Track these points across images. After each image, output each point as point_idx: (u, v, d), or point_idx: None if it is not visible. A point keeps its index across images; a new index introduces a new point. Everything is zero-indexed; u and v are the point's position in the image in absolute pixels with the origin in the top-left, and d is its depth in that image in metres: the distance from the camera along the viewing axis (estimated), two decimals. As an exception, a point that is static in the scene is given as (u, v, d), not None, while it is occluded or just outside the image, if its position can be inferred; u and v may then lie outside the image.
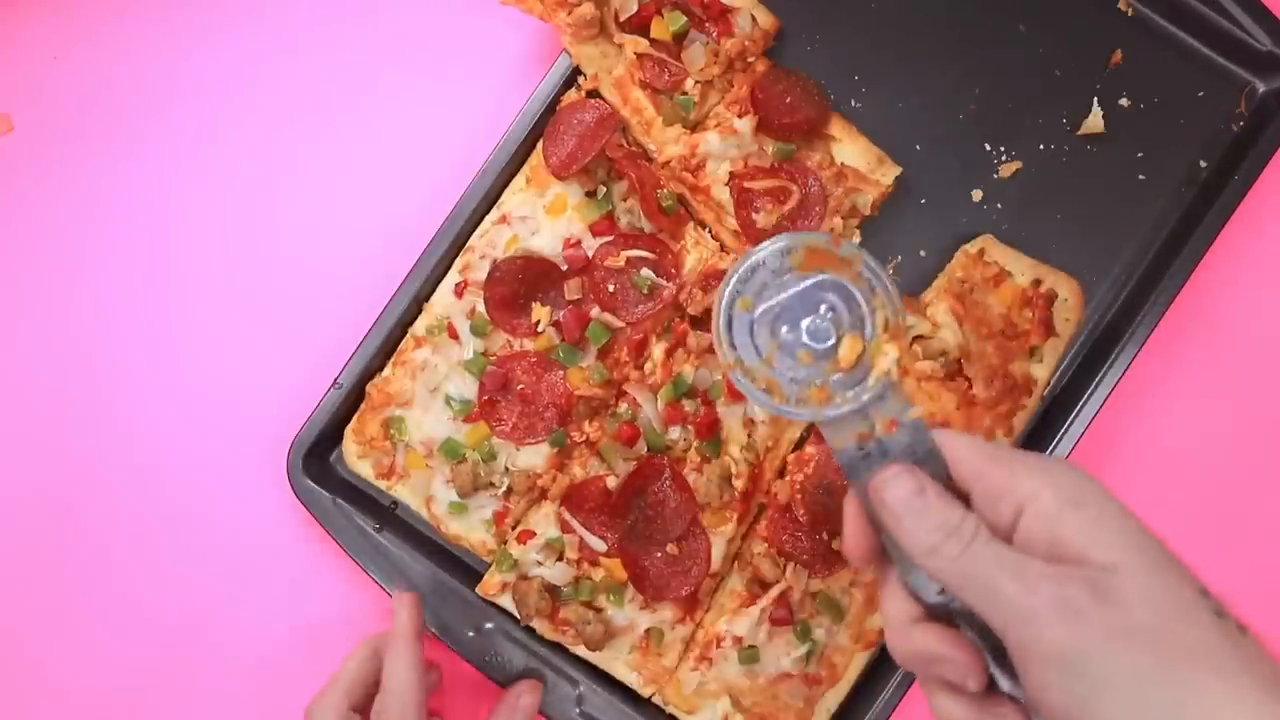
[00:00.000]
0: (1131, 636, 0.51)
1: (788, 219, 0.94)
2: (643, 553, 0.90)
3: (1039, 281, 0.93)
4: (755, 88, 0.94)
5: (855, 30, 0.99)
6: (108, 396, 0.99)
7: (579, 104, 0.95)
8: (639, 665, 0.92)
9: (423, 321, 0.95)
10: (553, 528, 0.92)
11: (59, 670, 0.97)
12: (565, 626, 0.91)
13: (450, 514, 0.93)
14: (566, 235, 0.94)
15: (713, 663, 0.91)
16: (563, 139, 0.93)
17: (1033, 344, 0.92)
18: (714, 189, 0.94)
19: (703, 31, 0.94)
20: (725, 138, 0.93)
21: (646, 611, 0.91)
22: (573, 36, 0.94)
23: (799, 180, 0.94)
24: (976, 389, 0.90)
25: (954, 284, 0.93)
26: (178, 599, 0.98)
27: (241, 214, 1.01)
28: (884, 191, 0.96)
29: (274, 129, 1.02)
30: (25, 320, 1.00)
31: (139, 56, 1.02)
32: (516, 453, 0.93)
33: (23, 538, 0.98)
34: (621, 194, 0.95)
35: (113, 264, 1.01)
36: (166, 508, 0.98)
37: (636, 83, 0.95)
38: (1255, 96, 0.96)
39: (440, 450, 0.92)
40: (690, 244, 0.95)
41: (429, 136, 1.01)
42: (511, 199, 0.95)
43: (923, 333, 0.93)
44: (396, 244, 0.96)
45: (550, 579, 0.91)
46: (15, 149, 1.01)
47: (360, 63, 1.02)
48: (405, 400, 0.93)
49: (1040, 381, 0.92)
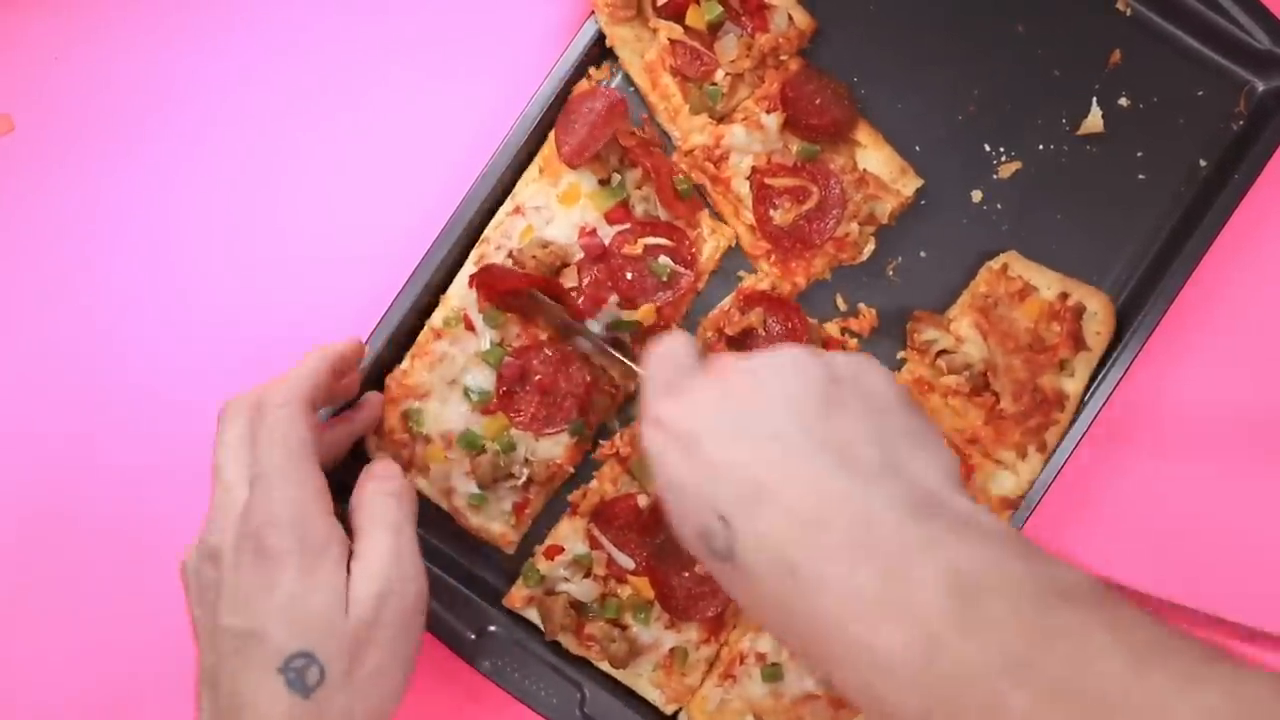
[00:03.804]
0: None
1: (805, 219, 0.93)
2: (671, 572, 0.89)
3: (1066, 295, 0.92)
4: (786, 85, 0.93)
5: (889, 33, 0.98)
6: (109, 395, 0.98)
7: (590, 92, 0.93)
8: (663, 683, 0.91)
9: (440, 314, 0.93)
10: (581, 544, 0.91)
11: (58, 669, 0.96)
12: (590, 642, 0.90)
13: (470, 506, 0.92)
14: (581, 224, 0.93)
15: (736, 680, 0.89)
16: (574, 127, 0.92)
17: (1062, 357, 0.91)
18: (735, 182, 0.94)
19: (738, 24, 0.94)
20: (751, 132, 0.93)
21: (672, 631, 0.90)
22: (609, 17, 0.93)
23: (820, 182, 0.93)
24: (1004, 403, 0.89)
25: (977, 299, 0.93)
26: (174, 603, 0.91)
27: (245, 212, 1.00)
28: (904, 202, 0.95)
29: (275, 127, 1.00)
30: (25, 321, 0.99)
31: (139, 56, 1.01)
32: (535, 443, 0.92)
33: (22, 537, 0.97)
34: (635, 181, 0.94)
35: (114, 264, 0.99)
36: (169, 506, 0.94)
37: (667, 68, 0.94)
38: (1254, 95, 0.97)
39: (459, 442, 0.91)
40: (707, 232, 0.95)
41: (437, 130, 0.99)
42: (525, 189, 0.94)
43: (946, 347, 0.92)
44: (404, 239, 0.94)
45: (576, 595, 0.90)
46: (15, 149, 0.99)
47: (364, 59, 1.01)
48: (423, 393, 0.92)
49: (1072, 395, 0.92)
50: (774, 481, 0.58)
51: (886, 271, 0.96)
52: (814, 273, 0.94)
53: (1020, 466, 0.90)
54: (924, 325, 0.93)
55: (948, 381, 0.91)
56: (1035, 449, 0.90)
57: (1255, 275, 0.99)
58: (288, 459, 0.69)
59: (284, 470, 0.69)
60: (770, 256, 0.94)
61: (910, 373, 0.93)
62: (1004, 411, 0.89)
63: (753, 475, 0.59)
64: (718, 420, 0.62)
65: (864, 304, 0.96)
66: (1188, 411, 0.98)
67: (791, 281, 0.94)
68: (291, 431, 0.71)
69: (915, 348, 0.93)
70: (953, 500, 0.59)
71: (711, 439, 0.61)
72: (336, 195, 1.00)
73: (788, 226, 0.93)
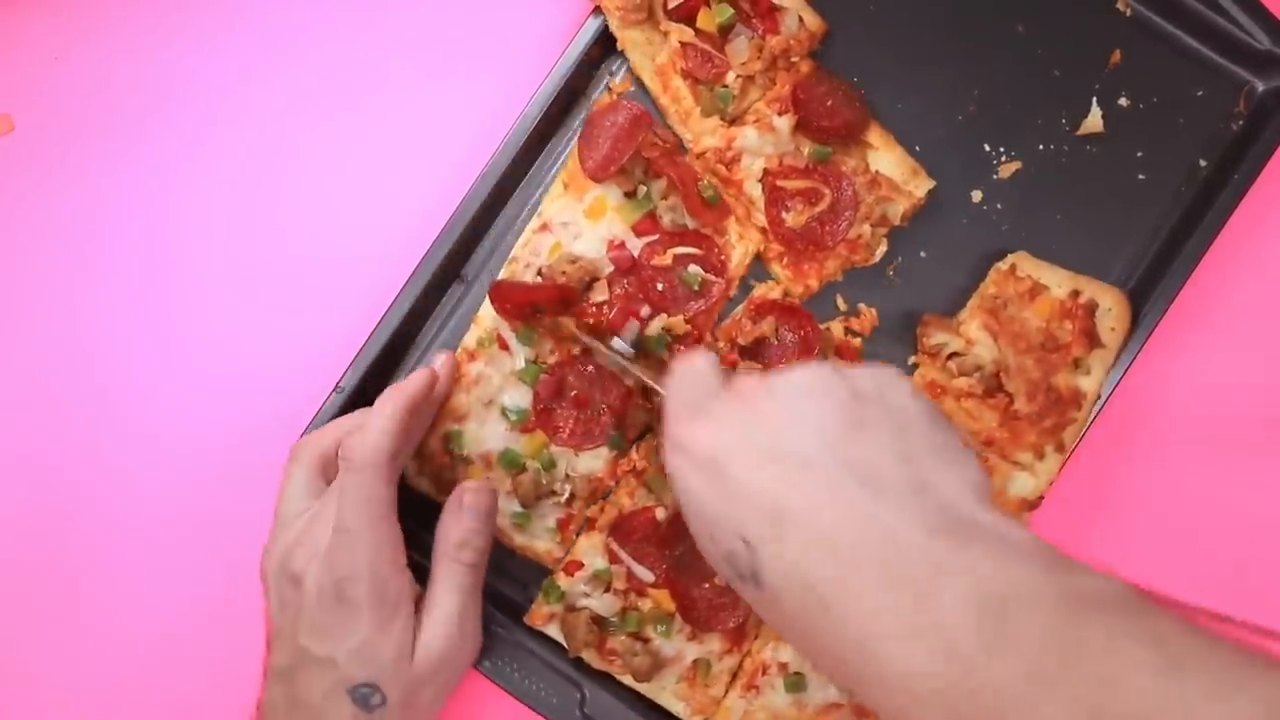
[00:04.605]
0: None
1: (817, 221, 0.93)
2: (691, 583, 0.88)
3: (1077, 292, 0.92)
4: (797, 87, 0.92)
5: (889, 33, 0.98)
6: (108, 398, 0.97)
7: (612, 106, 0.93)
8: (686, 696, 0.90)
9: (473, 334, 0.92)
10: (600, 559, 0.90)
11: (55, 665, 0.96)
12: (613, 657, 0.89)
13: (515, 525, 0.91)
14: (609, 237, 0.92)
15: (759, 690, 0.88)
16: (597, 142, 0.91)
17: (1076, 356, 0.90)
18: (747, 184, 0.93)
19: (749, 27, 0.93)
20: (763, 134, 0.92)
21: (694, 642, 0.89)
22: (620, 20, 0.93)
23: (832, 184, 0.92)
24: (1018, 404, 0.88)
25: (987, 300, 0.92)
26: (173, 600, 0.96)
27: (245, 212, 0.99)
28: (915, 203, 0.94)
29: (275, 127, 0.99)
30: (25, 320, 0.98)
31: (139, 56, 1.00)
32: (576, 459, 0.92)
33: (21, 535, 0.96)
34: (661, 192, 0.93)
35: (114, 264, 0.98)
36: (165, 510, 0.97)
37: (678, 71, 0.94)
38: (1254, 95, 0.97)
39: (500, 462, 0.91)
40: (734, 238, 0.94)
41: (437, 130, 0.99)
42: (551, 206, 0.93)
43: (956, 350, 0.91)
44: (405, 239, 0.95)
45: (598, 610, 0.89)
46: (15, 149, 0.99)
47: (364, 59, 1.00)
48: (462, 415, 0.91)
49: (1089, 393, 0.91)
50: (798, 505, 0.58)
51: (886, 272, 0.96)
52: (826, 274, 0.94)
53: (1038, 467, 0.89)
54: (933, 329, 0.92)
55: (960, 384, 0.90)
56: (1053, 449, 0.89)
57: (1256, 274, 0.99)
58: (370, 520, 0.76)
59: (365, 530, 0.75)
60: (783, 259, 0.94)
61: (922, 377, 0.93)
62: (1019, 412, 0.89)
63: (777, 499, 0.58)
64: (741, 443, 0.61)
65: (864, 304, 0.95)
66: (1189, 410, 0.98)
67: (804, 284, 0.93)
68: (374, 494, 0.76)
69: (926, 351, 0.93)
70: (981, 516, 0.58)
71: (734, 463, 0.60)
72: (336, 195, 0.99)
73: (800, 228, 0.92)
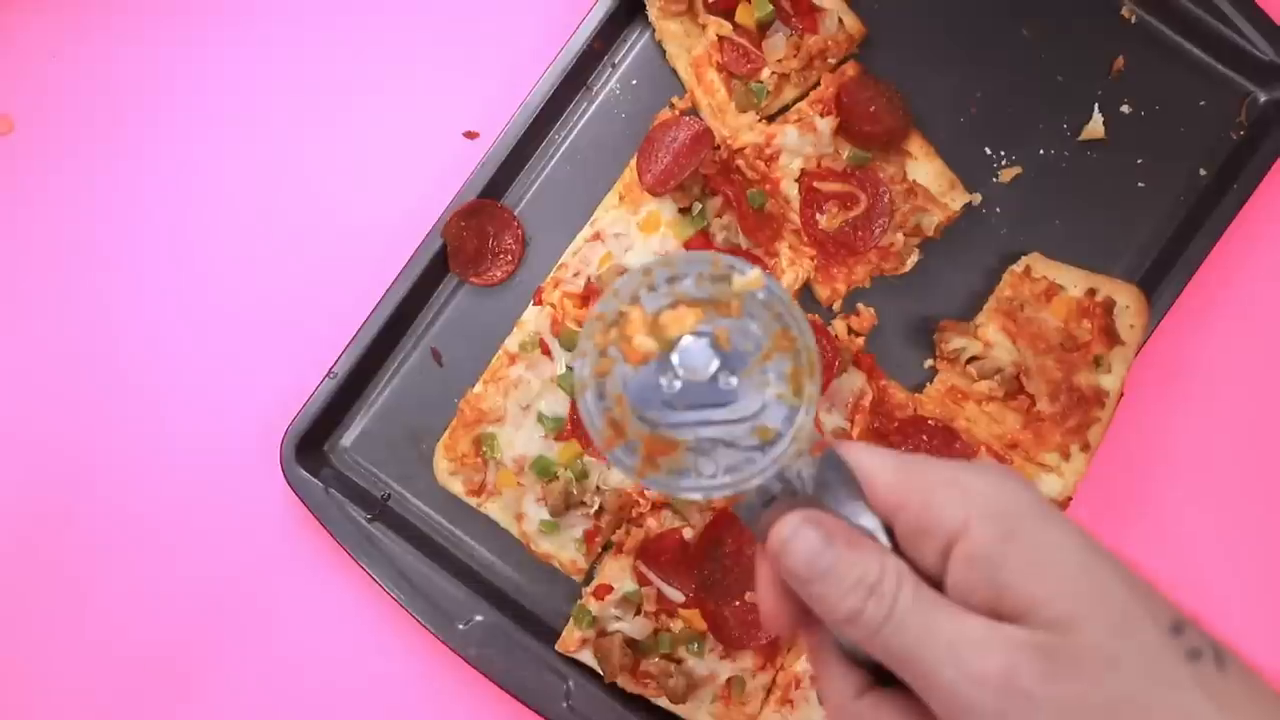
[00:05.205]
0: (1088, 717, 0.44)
1: (851, 225, 0.92)
2: (722, 602, 0.87)
3: (1093, 291, 0.92)
4: (842, 90, 0.92)
5: (890, 33, 0.97)
6: (106, 388, 0.98)
7: (672, 121, 0.92)
8: (722, 714, 0.88)
9: (515, 338, 0.92)
10: (629, 581, 0.89)
11: (53, 663, 0.95)
12: (647, 680, 0.88)
13: (541, 532, 0.91)
14: (661, 251, 0.91)
15: (794, 705, 0.88)
16: (657, 156, 0.91)
17: (1096, 354, 0.90)
18: (784, 183, 0.92)
19: (788, 25, 0.93)
20: (804, 134, 0.92)
21: (727, 661, 0.88)
22: (660, 11, 0.93)
23: (869, 189, 0.92)
24: (1040, 405, 0.89)
25: (1003, 303, 0.92)
26: (168, 585, 0.96)
27: (244, 211, 1.00)
28: (950, 216, 0.94)
29: (275, 127, 1.00)
30: (24, 320, 0.99)
31: (139, 56, 1.00)
32: (608, 472, 0.90)
33: (18, 527, 0.96)
34: (715, 210, 0.92)
35: (113, 263, 0.99)
36: (160, 495, 0.97)
37: (714, 64, 0.93)
38: (1256, 105, 0.98)
39: (532, 468, 0.90)
40: (785, 262, 0.92)
41: (437, 130, 1.00)
42: (605, 216, 0.93)
43: (975, 354, 0.91)
44: (405, 239, 0.95)
45: (629, 633, 0.88)
46: (15, 149, 0.99)
47: (364, 59, 1.02)
48: (497, 417, 0.91)
49: (1112, 391, 0.91)
50: None
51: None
52: (855, 280, 0.93)
53: (1064, 467, 0.89)
54: (951, 333, 0.92)
55: (981, 388, 0.90)
56: (1078, 448, 0.89)
57: (1254, 283, 1.00)
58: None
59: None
60: (814, 259, 0.93)
61: (942, 382, 0.92)
62: (1042, 414, 0.89)
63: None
64: None
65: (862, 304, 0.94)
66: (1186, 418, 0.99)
67: (831, 287, 0.92)
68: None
69: (945, 357, 0.93)
70: None
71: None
72: (336, 194, 0.99)
73: (833, 231, 0.92)
